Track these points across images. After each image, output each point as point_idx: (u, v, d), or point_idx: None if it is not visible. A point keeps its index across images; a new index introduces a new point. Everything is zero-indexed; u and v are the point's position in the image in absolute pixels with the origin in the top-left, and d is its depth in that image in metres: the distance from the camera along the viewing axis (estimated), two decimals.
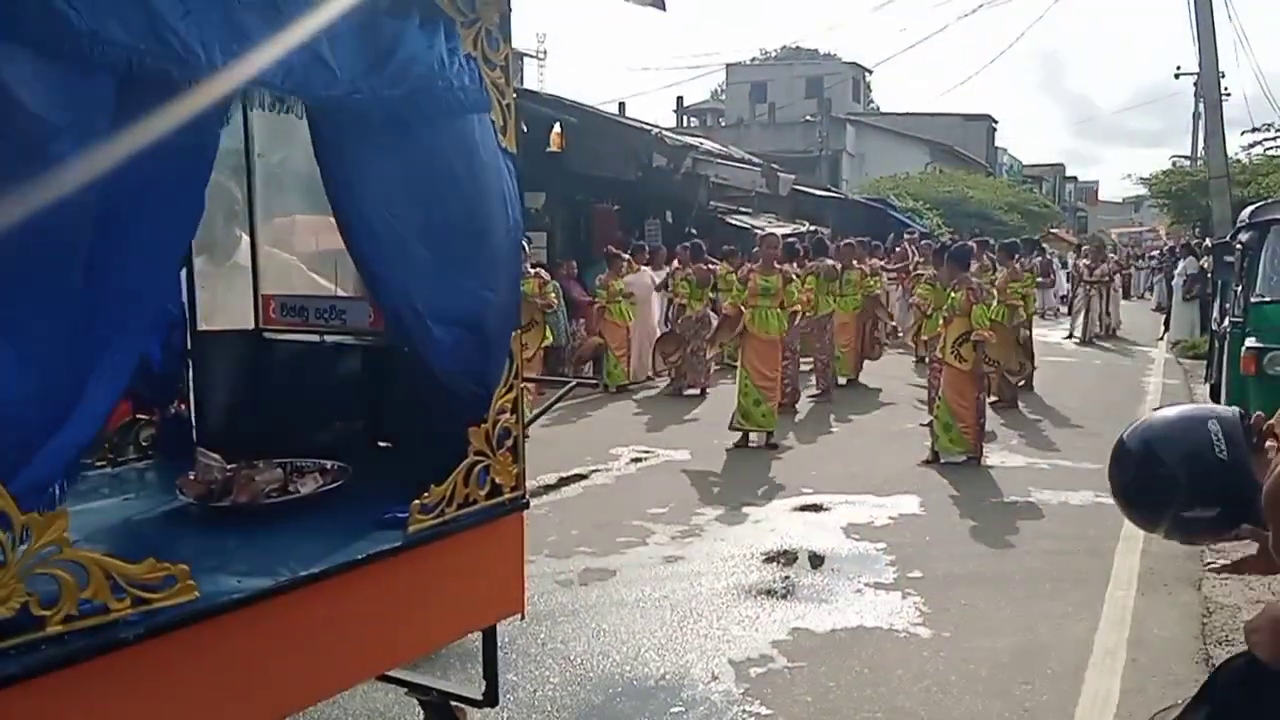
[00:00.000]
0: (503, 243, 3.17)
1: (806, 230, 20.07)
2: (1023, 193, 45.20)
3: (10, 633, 2.03)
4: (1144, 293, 30.65)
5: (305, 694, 2.92)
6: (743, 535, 6.66)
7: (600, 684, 4.39)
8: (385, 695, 4.10)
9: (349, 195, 2.79)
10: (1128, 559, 6.10)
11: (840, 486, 7.93)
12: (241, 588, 2.56)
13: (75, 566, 2.14)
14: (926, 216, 31.11)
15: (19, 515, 2.01)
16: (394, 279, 2.92)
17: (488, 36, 3.10)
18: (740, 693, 4.31)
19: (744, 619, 5.16)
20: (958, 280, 8.77)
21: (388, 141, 2.81)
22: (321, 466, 3.40)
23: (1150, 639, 4.89)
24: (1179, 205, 32.84)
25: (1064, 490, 7.78)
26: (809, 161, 34.50)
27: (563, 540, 6.45)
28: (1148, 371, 15.15)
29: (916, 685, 4.38)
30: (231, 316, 4.13)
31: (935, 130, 44.39)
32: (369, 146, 2.78)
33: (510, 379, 3.24)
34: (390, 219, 2.85)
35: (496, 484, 3.22)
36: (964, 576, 5.80)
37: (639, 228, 18.02)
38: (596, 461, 8.79)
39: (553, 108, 15.14)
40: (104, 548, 2.32)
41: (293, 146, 4.09)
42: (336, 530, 2.98)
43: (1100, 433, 10.06)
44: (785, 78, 43.94)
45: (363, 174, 2.80)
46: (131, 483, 3.68)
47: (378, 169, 2.82)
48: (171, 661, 2.40)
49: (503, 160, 3.15)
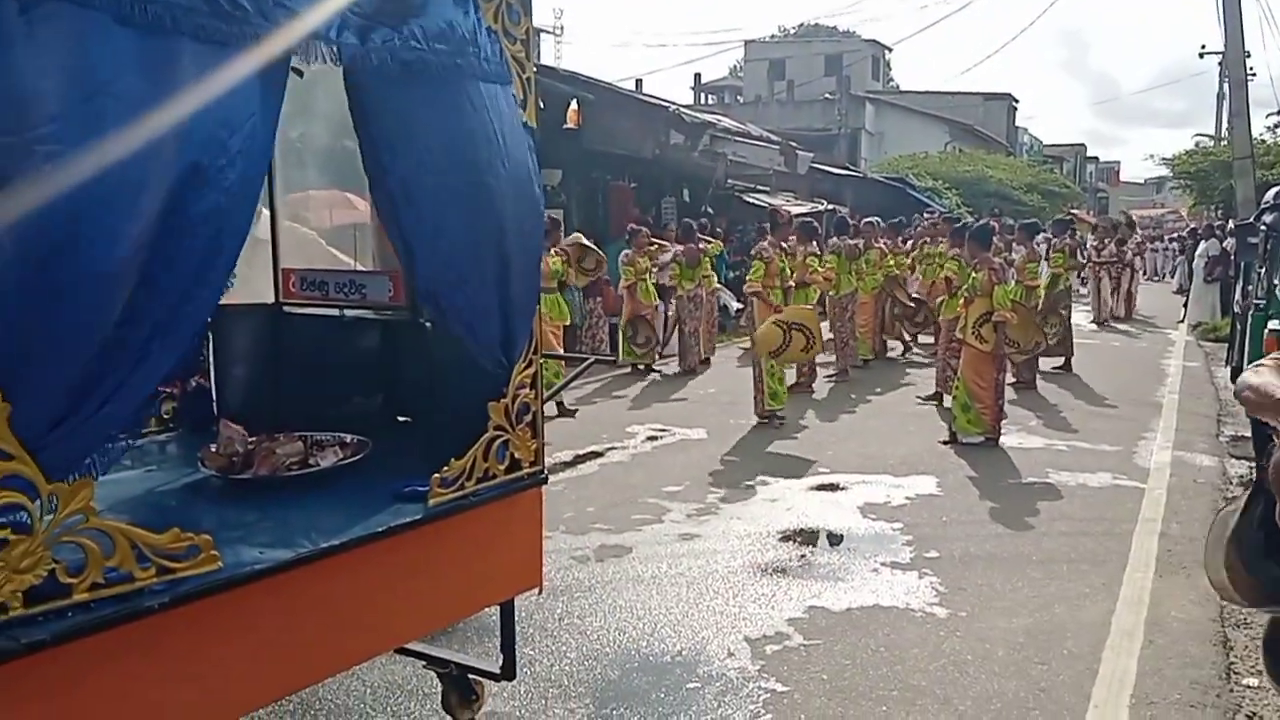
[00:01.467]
0: (528, 215, 3.17)
1: (825, 209, 19.98)
2: (1043, 173, 44.83)
3: (38, 600, 2.05)
4: (1164, 275, 30.36)
5: (325, 665, 2.95)
6: (759, 514, 6.66)
7: (617, 659, 4.41)
8: (403, 668, 4.14)
9: (390, 157, 2.78)
10: (1146, 541, 6.08)
11: (857, 466, 7.92)
12: (263, 559, 2.58)
13: (101, 535, 2.17)
14: (945, 196, 30.92)
15: (46, 484, 2.03)
16: (429, 247, 2.91)
17: (508, 10, 3.09)
18: (756, 669, 4.32)
19: (760, 596, 5.17)
20: (979, 260, 8.71)
21: (426, 105, 2.81)
22: (341, 440, 3.42)
23: (1168, 621, 4.88)
24: (1202, 186, 32.46)
25: (1082, 472, 7.75)
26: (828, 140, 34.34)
27: (579, 517, 6.48)
28: (1167, 354, 15.04)
29: (933, 664, 4.38)
30: (252, 290, 4.14)
31: (955, 109, 44.06)
32: (408, 109, 2.78)
33: (530, 354, 3.25)
34: (427, 185, 2.85)
35: (515, 459, 3.23)
36: (981, 557, 5.79)
37: (656, 205, 17.96)
38: (613, 439, 8.80)
39: (569, 84, 15.06)
40: (128, 518, 2.34)
41: (312, 121, 4.10)
42: (356, 503, 2.99)
43: (1119, 415, 10.04)
44: (804, 55, 43.66)
45: (403, 136, 2.79)
46: (153, 455, 3.71)
47: (416, 133, 2.81)
48: (194, 630, 2.42)
49: (524, 135, 3.15)
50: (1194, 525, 6.39)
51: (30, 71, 1.94)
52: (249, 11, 2.29)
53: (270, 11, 2.33)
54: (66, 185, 1.97)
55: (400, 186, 2.81)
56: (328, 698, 3.97)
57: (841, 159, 32.23)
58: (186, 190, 2.20)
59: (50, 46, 1.97)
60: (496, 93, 3.00)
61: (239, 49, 2.27)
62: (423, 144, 2.82)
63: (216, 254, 2.34)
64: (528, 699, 4.03)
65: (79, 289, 2.03)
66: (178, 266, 2.22)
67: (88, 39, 2.02)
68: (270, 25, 2.33)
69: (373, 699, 3.99)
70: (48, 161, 1.94)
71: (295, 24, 2.41)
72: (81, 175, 1.99)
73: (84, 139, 1.99)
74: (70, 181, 1.97)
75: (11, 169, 1.91)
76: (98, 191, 2.03)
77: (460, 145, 2.90)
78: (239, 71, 2.29)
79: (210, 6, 2.21)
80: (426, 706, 3.92)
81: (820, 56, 43.25)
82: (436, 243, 2.91)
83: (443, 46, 2.80)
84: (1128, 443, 8.79)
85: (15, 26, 1.91)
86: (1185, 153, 34.31)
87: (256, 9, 2.30)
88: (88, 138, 2.00)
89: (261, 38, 2.31)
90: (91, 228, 2.04)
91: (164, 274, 2.19)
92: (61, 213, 1.98)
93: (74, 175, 1.97)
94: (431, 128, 2.83)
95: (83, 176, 1.98)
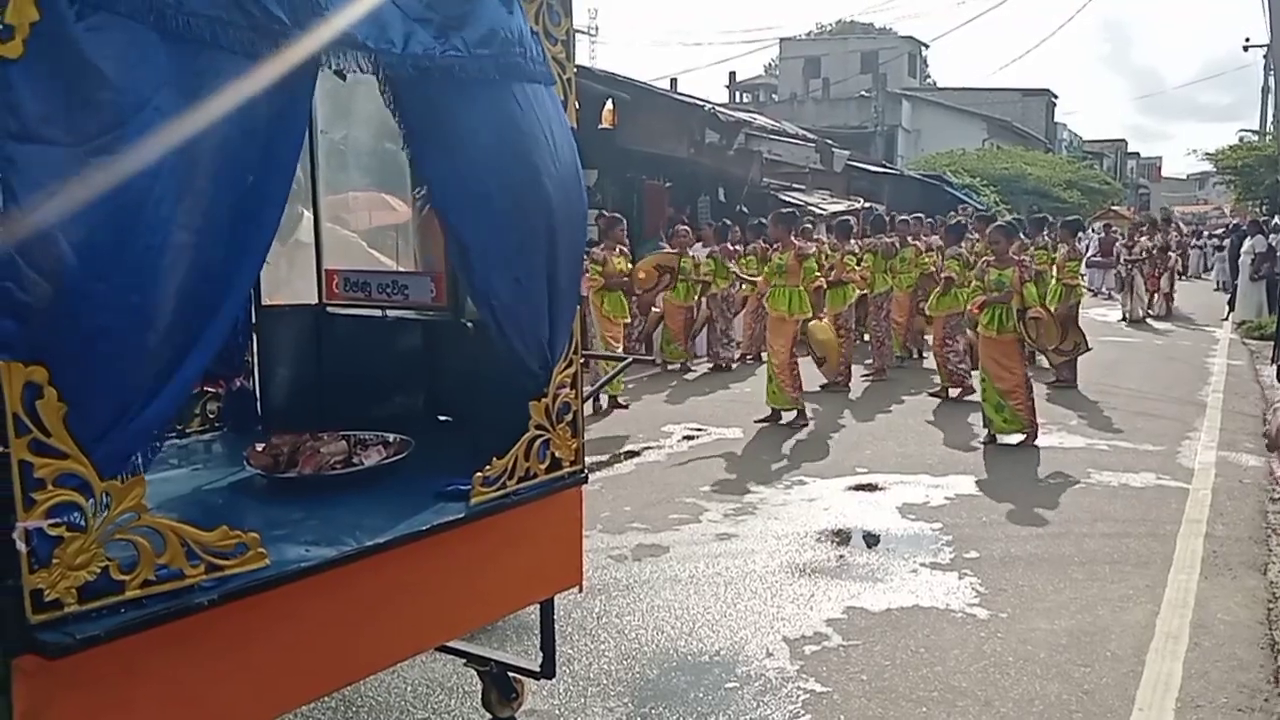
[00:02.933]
0: (576, 214, 3.19)
1: (861, 207, 19.86)
2: (1082, 169, 44.36)
3: (93, 596, 2.10)
4: (1201, 273, 29.82)
5: (368, 663, 2.98)
6: (796, 514, 6.64)
7: (655, 658, 4.42)
8: (443, 666, 4.17)
9: (444, 161, 2.81)
10: (1190, 542, 5.99)
11: (895, 465, 7.88)
12: (309, 557, 2.62)
13: (152, 533, 2.21)
14: (983, 193, 30.67)
15: (99, 482, 2.07)
16: (489, 248, 2.94)
17: (549, 11, 3.11)
18: (795, 669, 4.31)
19: (798, 597, 5.16)
20: (1008, 256, 8.59)
21: (474, 109, 2.84)
22: (384, 439, 3.45)
23: (1214, 623, 4.81)
24: (1246, 181, 31.95)
25: (1124, 472, 7.65)
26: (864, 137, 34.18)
27: (616, 516, 6.49)
28: (1211, 352, 14.81)
29: (973, 665, 4.35)
30: (295, 291, 4.20)
31: (993, 105, 43.70)
32: (456, 113, 2.81)
33: (570, 354, 3.26)
34: (481, 188, 2.88)
35: (556, 458, 3.25)
36: (1022, 557, 5.74)
37: (691, 205, 17.95)
38: (648, 439, 8.81)
39: (605, 84, 15.09)
40: (177, 516, 2.38)
41: (354, 124, 4.14)
42: (400, 502, 3.03)
43: (1162, 415, 9.91)
44: (840, 53, 43.46)
45: (455, 140, 2.82)
46: (199, 454, 3.77)
47: (466, 136, 2.84)
48: (242, 627, 2.46)
49: (570, 135, 3.16)
50: (1240, 526, 6.30)
51: (83, 81, 1.99)
52: (286, 24, 2.32)
53: (306, 21, 2.36)
54: (118, 193, 2.02)
55: (456, 189, 2.84)
56: (369, 694, 4.00)
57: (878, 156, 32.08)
58: (224, 196, 2.25)
59: (103, 55, 2.01)
60: (543, 94, 3.02)
61: (277, 59, 2.31)
62: (475, 146, 2.84)
63: (248, 257, 2.39)
64: (567, 697, 4.05)
65: (131, 291, 2.08)
66: (216, 270, 2.28)
67: (136, 49, 2.06)
68: (305, 36, 2.37)
69: (413, 696, 4.03)
70: (100, 168, 1.99)
71: (333, 34, 2.43)
72: (132, 183, 2.04)
73: (135, 146, 2.04)
74: (122, 189, 2.02)
75: (66, 175, 1.96)
76: (147, 199, 2.08)
77: (513, 146, 2.92)
78: (276, 80, 2.33)
79: (249, 20, 2.25)
80: (466, 704, 3.95)
81: (856, 54, 43.04)
82: (492, 244, 2.93)
83: (486, 50, 2.82)
84: (1171, 442, 8.67)
85: (69, 37, 1.96)
86: (1229, 148, 33.79)
87: (293, 20, 2.34)
88: (138, 145, 2.05)
89: (297, 49, 2.35)
90: (142, 234, 2.09)
91: (203, 278, 2.25)
92: (113, 220, 2.03)
93: (126, 184, 2.02)
94: (482, 130, 2.85)
95: (133, 185, 2.04)
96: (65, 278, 1.98)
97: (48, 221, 1.94)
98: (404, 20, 2.61)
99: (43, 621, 2.04)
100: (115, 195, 2.01)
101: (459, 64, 2.73)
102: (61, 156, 1.96)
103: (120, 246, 2.05)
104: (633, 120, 15.11)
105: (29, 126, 1.92)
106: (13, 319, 1.93)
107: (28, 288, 1.94)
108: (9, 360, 1.94)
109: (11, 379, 1.94)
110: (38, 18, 1.92)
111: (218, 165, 2.21)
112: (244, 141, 2.27)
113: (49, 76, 1.94)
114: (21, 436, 1.96)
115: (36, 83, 1.92)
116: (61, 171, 1.95)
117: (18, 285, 1.93)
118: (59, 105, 1.96)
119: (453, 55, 2.72)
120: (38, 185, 1.93)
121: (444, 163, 2.82)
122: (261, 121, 2.31)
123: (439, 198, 2.90)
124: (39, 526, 2.00)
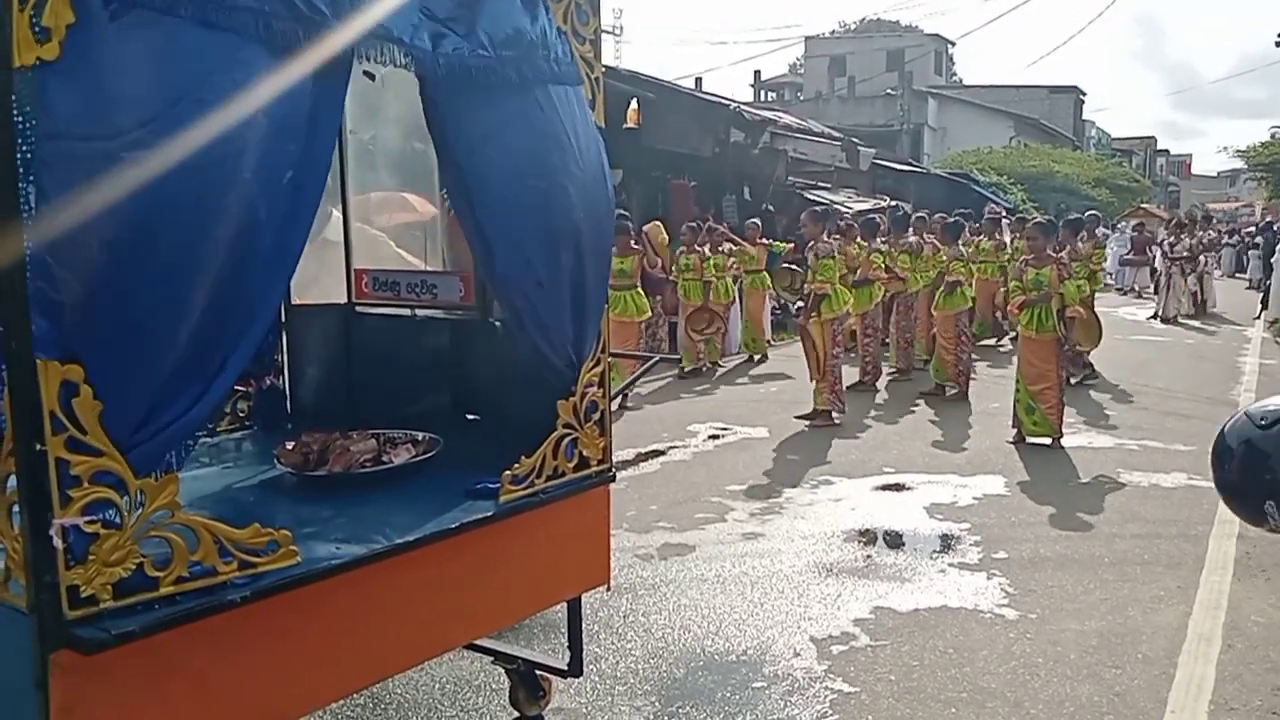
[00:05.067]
0: (604, 214, 3.19)
1: (887, 205, 19.76)
2: (1111, 166, 43.93)
3: (127, 592, 2.12)
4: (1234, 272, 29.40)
5: (398, 660, 2.99)
6: (823, 514, 6.62)
7: (682, 657, 4.42)
8: (470, 664, 4.19)
9: (471, 161, 2.82)
10: (1223, 544, 5.92)
11: (922, 465, 7.84)
12: (340, 554, 2.63)
13: (186, 530, 2.23)
14: (1010, 191, 30.43)
15: (134, 480, 2.09)
16: (511, 248, 2.95)
17: (577, 10, 3.11)
18: (822, 669, 4.30)
19: (825, 597, 5.14)
20: (1046, 255, 8.53)
21: (496, 110, 2.85)
22: (413, 438, 3.47)
23: (1247, 625, 4.75)
24: (1277, 178, 31.54)
25: (1155, 472, 7.57)
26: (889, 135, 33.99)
27: (642, 515, 6.49)
28: (1243, 351, 14.63)
29: (1003, 666, 4.32)
30: (325, 290, 4.22)
31: (1020, 103, 43.38)
32: (479, 113, 2.81)
33: (598, 352, 3.27)
34: (503, 188, 2.89)
35: (584, 456, 3.25)
36: (1051, 558, 5.69)
37: (716, 204, 17.91)
38: (674, 438, 8.80)
39: (629, 84, 15.08)
40: (209, 513, 2.40)
41: (383, 124, 4.16)
42: (429, 500, 3.04)
43: (1193, 414, 9.80)
44: (865, 50, 43.23)
45: (478, 140, 2.83)
46: (229, 452, 3.80)
47: (489, 136, 2.85)
48: (273, 624, 2.48)
49: (597, 135, 3.16)
50: None
51: (118, 79, 2.00)
52: (326, 16, 2.34)
53: (345, 14, 2.38)
54: (154, 189, 2.03)
55: (478, 190, 2.84)
56: (397, 692, 4.03)
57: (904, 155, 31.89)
58: (260, 191, 2.26)
59: (137, 52, 2.03)
60: (569, 94, 3.02)
61: (313, 52, 2.33)
62: (496, 147, 2.85)
63: (285, 254, 2.40)
64: (594, 696, 4.05)
65: (166, 289, 2.10)
66: (251, 267, 2.29)
67: (172, 44, 2.08)
68: (344, 28, 2.38)
69: (441, 694, 4.04)
70: (136, 165, 2.01)
71: (369, 27, 2.45)
72: (168, 178, 2.05)
73: (170, 142, 2.06)
74: (157, 185, 2.04)
75: (101, 174, 1.98)
76: (183, 195, 2.10)
77: (533, 148, 2.92)
78: (312, 75, 2.35)
79: (290, 11, 2.26)
80: (494, 702, 3.96)
81: (882, 52, 42.78)
82: (514, 244, 2.94)
83: (510, 53, 2.82)
84: (1202, 442, 8.48)
85: (105, 37, 1.98)
86: (1261, 144, 33.37)
87: (334, 12, 2.36)
88: (174, 141, 2.06)
89: (336, 41, 2.36)
90: (177, 231, 2.11)
91: (239, 275, 2.26)
92: (149, 217, 2.05)
93: (161, 179, 2.04)
94: (504, 131, 2.86)
95: (170, 180, 2.05)
96: (100, 276, 2.00)
97: (82, 220, 1.96)
98: (430, 20, 2.62)
99: (79, 617, 2.06)
100: (149, 192, 2.02)
101: (483, 64, 2.73)
102: (95, 155, 1.97)
103: (154, 244, 2.07)
104: (658, 120, 15.09)
105: (65, 127, 1.94)
106: (48, 318, 1.95)
107: (62, 287, 1.96)
108: (45, 359, 1.96)
109: (48, 377, 1.97)
110: (73, 20, 1.94)
111: (254, 161, 2.22)
112: (281, 137, 2.28)
113: (85, 77, 1.96)
114: (58, 434, 1.99)
115: (73, 84, 1.94)
116: (95, 170, 1.97)
117: (52, 285, 1.95)
118: (95, 105, 1.98)
119: (476, 57, 2.72)
120: (72, 185, 1.95)
121: (465, 164, 2.83)
122: (299, 117, 2.32)
123: (459, 200, 2.91)
124: (75, 523, 2.02)
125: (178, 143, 2.07)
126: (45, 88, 1.91)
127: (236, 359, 2.29)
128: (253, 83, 2.21)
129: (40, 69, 1.91)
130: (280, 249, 2.35)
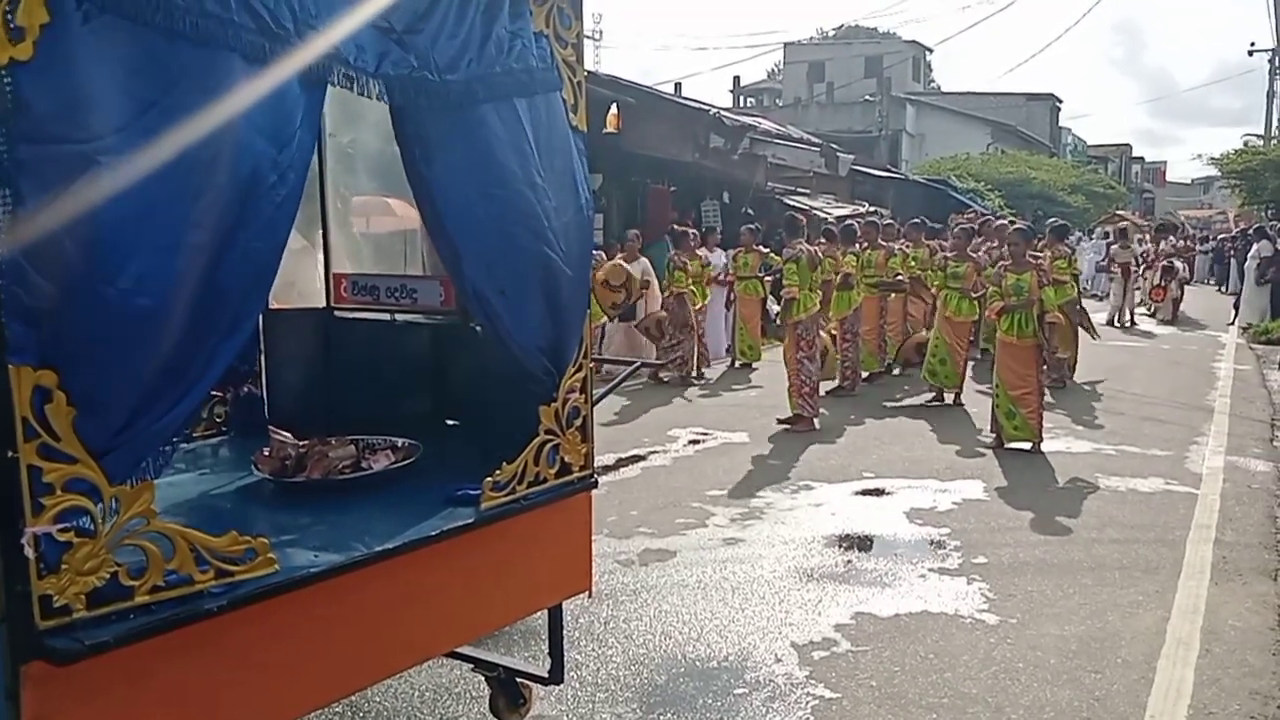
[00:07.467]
0: (574, 221, 3.16)
1: (867, 210, 19.85)
2: (1087, 174, 44.31)
3: (102, 602, 2.08)
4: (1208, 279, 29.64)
5: (378, 668, 2.96)
6: (803, 519, 6.62)
7: (663, 664, 4.40)
8: (450, 672, 4.15)
9: (430, 170, 2.79)
10: (1200, 548, 5.96)
11: (902, 470, 7.85)
12: (318, 562, 2.60)
13: (161, 538, 2.20)
14: (988, 198, 30.63)
15: (109, 487, 2.06)
16: (474, 256, 2.92)
17: (559, 14, 3.09)
18: (804, 675, 4.29)
19: (806, 602, 5.14)
20: (1025, 260, 8.56)
21: (450, 122, 2.82)
22: (393, 444, 3.44)
23: (1225, 629, 4.78)
24: (1251, 186, 31.84)
25: (1132, 477, 7.62)
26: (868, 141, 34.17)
27: (622, 521, 6.47)
28: (1218, 357, 14.77)
29: (983, 671, 4.32)
30: (303, 295, 4.19)
31: (997, 110, 43.71)
32: (436, 124, 2.78)
33: (580, 359, 3.25)
34: (461, 196, 2.86)
35: (566, 463, 3.23)
36: (1030, 563, 5.71)
37: (695, 209, 17.94)
38: (654, 443, 8.79)
39: (609, 88, 15.08)
40: (185, 521, 2.37)
41: (363, 128, 4.13)
42: (409, 506, 3.01)
43: (1169, 419, 9.87)
44: (844, 57, 43.45)
45: (446, 150, 2.80)
46: (206, 458, 3.76)
47: (447, 147, 2.82)
48: (250, 632, 2.44)
49: (573, 140, 3.14)
50: (1249, 532, 6.27)
51: (92, 83, 1.97)
52: (290, 32, 2.32)
53: (305, 32, 2.36)
54: (130, 193, 2.00)
55: (441, 198, 2.82)
56: (376, 700, 3.99)
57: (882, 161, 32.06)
58: (237, 198, 2.24)
59: (112, 55, 2.00)
60: (536, 102, 2.99)
61: (281, 65, 2.30)
62: (453, 157, 2.82)
63: (263, 260, 2.37)
64: (574, 703, 4.03)
65: (141, 296, 2.06)
66: (229, 273, 2.26)
67: (146, 50, 2.06)
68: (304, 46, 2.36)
69: (420, 702, 4.01)
70: (112, 169, 1.98)
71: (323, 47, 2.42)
72: (144, 183, 2.03)
73: (146, 147, 2.03)
74: (133, 189, 2.01)
75: (75, 178, 1.94)
76: (159, 200, 2.07)
77: (488, 159, 2.89)
78: (289, 82, 2.33)
79: (257, 24, 2.24)
80: (474, 710, 3.93)
81: (860, 58, 43.04)
82: (477, 253, 2.92)
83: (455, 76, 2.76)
84: (1179, 447, 8.64)
85: (78, 39, 1.95)
86: (1234, 152, 33.70)
87: (296, 30, 2.33)
88: (150, 146, 2.04)
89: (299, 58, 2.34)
90: (153, 237, 2.08)
91: (216, 281, 2.23)
92: (124, 221, 2.02)
93: (137, 183, 2.01)
94: (457, 142, 2.83)
95: (146, 184, 2.02)
96: (73, 281, 1.97)
97: (56, 224, 1.92)
98: (384, 38, 2.59)
99: (51, 627, 2.02)
100: (123, 198, 1.99)
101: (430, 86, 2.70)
102: (70, 158, 1.94)
103: (129, 249, 2.04)
104: (637, 124, 15.10)
105: (39, 128, 1.91)
106: (22, 323, 1.92)
107: (35, 292, 1.92)
108: (18, 364, 1.92)
109: (21, 383, 1.93)
110: (48, 20, 1.91)
111: (230, 167, 2.20)
112: (258, 143, 2.25)
113: (58, 79, 1.93)
114: (31, 441, 1.95)
115: (46, 85, 1.91)
116: (70, 173, 1.94)
117: (25, 289, 1.91)
118: (68, 107, 1.95)
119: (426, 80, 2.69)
120: (47, 188, 1.91)
121: (426, 173, 2.80)
122: (277, 123, 2.29)
123: (424, 208, 2.88)
124: (48, 532, 1.99)
125: (154, 148, 2.05)
126: (19, 88, 1.88)
127: (215, 366, 2.26)
128: (229, 90, 2.19)
129: (13, 68, 1.87)
130: (259, 255, 2.32)
